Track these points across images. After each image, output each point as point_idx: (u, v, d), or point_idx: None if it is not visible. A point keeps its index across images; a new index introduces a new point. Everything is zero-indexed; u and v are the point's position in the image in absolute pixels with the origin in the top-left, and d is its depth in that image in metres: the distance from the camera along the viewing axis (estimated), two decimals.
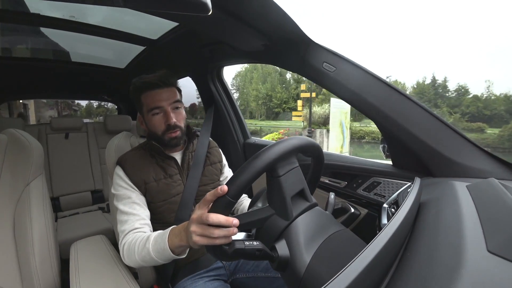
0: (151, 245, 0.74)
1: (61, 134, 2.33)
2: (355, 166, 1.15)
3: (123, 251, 0.82)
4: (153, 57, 1.83)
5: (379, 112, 0.90)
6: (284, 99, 40.97)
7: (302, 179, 0.62)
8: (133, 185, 0.91)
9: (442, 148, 0.84)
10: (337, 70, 0.94)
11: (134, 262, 0.79)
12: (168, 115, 0.92)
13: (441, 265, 0.37)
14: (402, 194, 0.75)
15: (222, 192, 0.51)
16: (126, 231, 0.84)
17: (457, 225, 0.47)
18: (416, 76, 49.22)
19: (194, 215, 0.57)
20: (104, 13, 1.38)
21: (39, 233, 0.91)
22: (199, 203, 0.57)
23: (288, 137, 0.62)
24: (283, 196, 0.57)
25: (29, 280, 0.89)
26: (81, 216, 2.14)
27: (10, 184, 0.92)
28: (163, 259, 0.74)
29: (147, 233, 0.81)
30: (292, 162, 0.60)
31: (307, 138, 0.65)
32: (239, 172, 0.52)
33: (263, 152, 0.54)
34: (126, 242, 0.82)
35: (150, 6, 0.44)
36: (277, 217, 0.58)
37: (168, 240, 0.70)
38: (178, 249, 0.70)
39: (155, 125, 0.93)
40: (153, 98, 0.92)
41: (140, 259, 0.77)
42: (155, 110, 0.92)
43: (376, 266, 0.36)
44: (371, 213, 1.09)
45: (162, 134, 0.94)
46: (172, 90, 0.95)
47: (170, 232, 0.72)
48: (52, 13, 1.35)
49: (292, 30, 0.92)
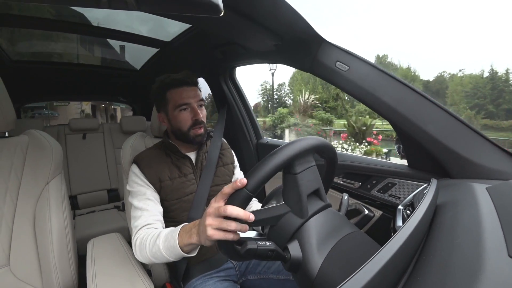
0: (162, 242, 0.75)
1: (79, 135, 2.40)
2: (369, 166, 1.13)
3: (135, 246, 0.83)
4: (166, 59, 1.86)
5: (393, 112, 0.88)
6: (325, 99, 41.76)
7: (318, 178, 0.62)
8: (148, 183, 0.93)
9: (461, 148, 0.81)
10: (351, 69, 0.93)
11: (145, 258, 0.80)
12: (196, 111, 0.95)
13: (459, 270, 0.35)
14: (418, 195, 0.73)
15: (241, 184, 0.51)
16: (139, 226, 0.85)
17: (476, 228, 0.45)
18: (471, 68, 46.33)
19: (209, 209, 0.57)
20: (119, 17, 1.42)
21: (58, 230, 0.94)
22: (215, 197, 0.57)
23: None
24: (299, 193, 0.56)
25: (48, 274, 0.92)
26: (98, 214, 2.20)
27: (31, 182, 0.95)
28: (173, 256, 0.74)
29: (158, 230, 0.82)
30: (309, 161, 0.60)
31: (323, 139, 0.64)
32: (258, 166, 0.52)
33: (283, 148, 0.55)
34: (139, 237, 0.83)
35: (164, 9, 0.45)
36: (290, 218, 0.57)
37: (178, 238, 0.71)
38: (188, 246, 0.70)
39: (181, 121, 0.95)
40: (181, 94, 0.95)
41: (151, 255, 0.78)
42: (183, 106, 0.95)
43: (390, 270, 0.36)
44: (385, 215, 1.06)
45: (188, 130, 0.96)
46: (196, 89, 0.99)
47: (181, 230, 0.72)
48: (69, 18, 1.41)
49: (304, 29, 0.91)
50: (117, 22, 1.47)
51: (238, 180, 0.51)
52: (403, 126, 0.88)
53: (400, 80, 0.88)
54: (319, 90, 42.99)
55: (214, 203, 0.56)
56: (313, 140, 0.60)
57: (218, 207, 0.54)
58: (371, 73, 0.91)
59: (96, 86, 2.62)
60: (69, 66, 2.12)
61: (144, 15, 1.35)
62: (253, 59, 1.45)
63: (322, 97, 43.19)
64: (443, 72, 41.54)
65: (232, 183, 0.53)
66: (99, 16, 1.42)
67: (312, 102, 17.15)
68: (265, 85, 58.58)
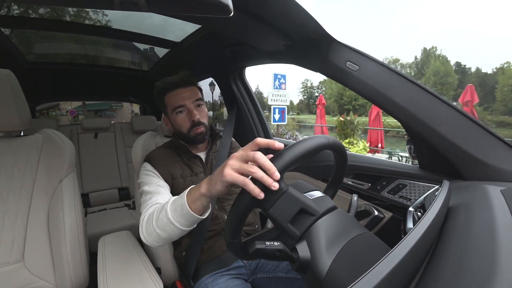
0: (169, 205, 0.69)
1: (91, 134, 2.45)
2: (379, 167, 1.11)
3: (142, 223, 0.77)
4: (177, 59, 1.88)
5: (405, 112, 0.87)
6: (354, 96, 42.74)
7: (297, 201, 0.54)
8: (161, 177, 0.94)
9: (474, 150, 0.79)
10: (361, 69, 0.92)
11: (150, 234, 0.73)
12: (192, 112, 0.96)
13: (471, 274, 0.35)
14: (430, 197, 0.72)
15: (278, 147, 0.50)
16: (149, 205, 0.81)
17: (490, 232, 0.44)
18: None
19: (236, 153, 0.53)
20: (131, 18, 1.44)
21: (70, 226, 0.96)
22: (244, 147, 0.54)
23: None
24: (281, 224, 0.54)
25: (61, 270, 0.94)
26: (109, 212, 2.24)
27: (45, 180, 0.98)
28: (181, 221, 0.67)
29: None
30: (276, 193, 0.52)
31: (333, 138, 0.63)
32: (288, 149, 0.52)
33: (303, 142, 0.54)
34: (147, 213, 0.78)
35: (174, 10, 0.45)
36: (297, 220, 0.57)
37: (187, 195, 0.66)
38: (197, 202, 0.63)
39: (180, 123, 0.97)
40: (176, 97, 0.96)
41: (157, 225, 0.71)
42: (178, 109, 0.96)
43: (400, 272, 0.35)
44: (395, 216, 1.05)
45: (188, 132, 0.97)
46: (193, 89, 0.99)
47: (191, 188, 0.67)
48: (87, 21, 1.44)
49: (314, 29, 0.91)
50: (128, 23, 1.50)
51: (275, 142, 0.50)
52: (414, 126, 0.87)
53: (412, 80, 0.87)
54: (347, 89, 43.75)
55: (242, 151, 0.53)
56: (323, 139, 0.59)
57: (246, 152, 0.51)
58: (381, 73, 0.90)
59: (108, 86, 2.67)
60: (81, 67, 2.16)
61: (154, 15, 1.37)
62: (263, 59, 1.45)
63: (351, 94, 44.10)
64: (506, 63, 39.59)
65: (269, 140, 0.51)
66: (109, 18, 1.44)
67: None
68: (306, 83, 58.81)
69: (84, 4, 0.53)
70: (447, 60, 47.15)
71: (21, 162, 0.97)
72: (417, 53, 48.73)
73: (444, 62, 44.42)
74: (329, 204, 0.59)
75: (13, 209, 0.94)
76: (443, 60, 46.15)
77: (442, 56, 47.50)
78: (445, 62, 45.55)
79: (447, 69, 43.63)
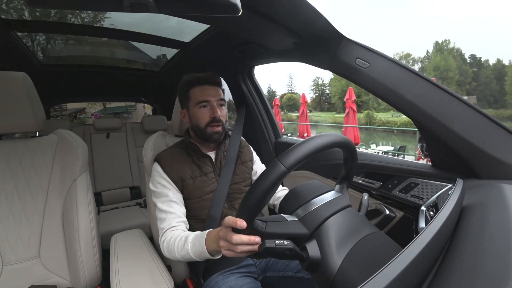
0: (190, 247, 0.81)
1: (103, 134, 2.50)
2: (390, 166, 1.10)
3: (163, 248, 0.89)
4: (186, 59, 1.89)
5: (416, 109, 0.85)
6: (357, 93, 45.79)
7: (279, 235, 0.55)
8: (171, 181, 0.96)
9: (489, 147, 0.77)
10: (371, 66, 0.91)
11: (174, 258, 0.87)
12: (215, 108, 0.98)
13: (486, 276, 0.34)
14: (442, 196, 0.70)
15: (240, 228, 0.53)
16: (165, 229, 0.91)
17: (505, 233, 0.43)
18: None
19: (220, 233, 0.63)
20: (140, 19, 1.46)
21: (84, 224, 0.99)
22: (221, 229, 0.62)
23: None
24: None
25: (75, 266, 0.97)
26: (121, 210, 2.29)
27: (60, 179, 1.01)
28: (201, 258, 0.81)
29: (184, 233, 0.87)
30: (257, 228, 0.54)
31: (340, 135, 0.62)
32: (247, 196, 0.51)
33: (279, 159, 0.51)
34: (165, 240, 0.89)
35: (183, 11, 0.45)
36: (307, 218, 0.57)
37: (206, 245, 0.76)
38: (214, 252, 0.76)
39: (200, 117, 0.99)
40: (202, 92, 0.98)
41: (181, 257, 0.85)
42: (203, 103, 0.98)
43: (412, 273, 0.35)
44: (407, 216, 1.03)
45: (205, 127, 0.99)
46: (218, 89, 1.02)
47: (207, 237, 0.77)
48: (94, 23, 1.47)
49: (323, 26, 0.90)
50: (139, 25, 1.52)
51: (238, 222, 0.53)
52: (427, 124, 0.85)
53: (423, 77, 0.85)
54: (353, 86, 45.50)
55: (224, 227, 0.61)
56: (330, 137, 0.57)
57: (227, 234, 0.59)
58: (392, 70, 0.89)
59: (119, 87, 2.72)
60: (93, 68, 2.21)
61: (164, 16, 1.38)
62: (272, 57, 1.45)
63: (355, 93, 45.14)
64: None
65: (233, 220, 0.55)
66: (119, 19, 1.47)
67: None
68: (317, 81, 59.78)
69: (95, 7, 0.54)
70: (461, 53, 46.34)
71: (38, 162, 1.00)
72: (429, 47, 48.07)
73: (445, 58, 43.91)
74: (323, 215, 0.58)
75: (30, 208, 0.97)
76: (456, 54, 45.43)
77: (456, 49, 46.67)
78: (456, 55, 44.87)
79: (448, 64, 43.16)
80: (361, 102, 44.56)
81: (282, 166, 0.49)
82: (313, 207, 0.60)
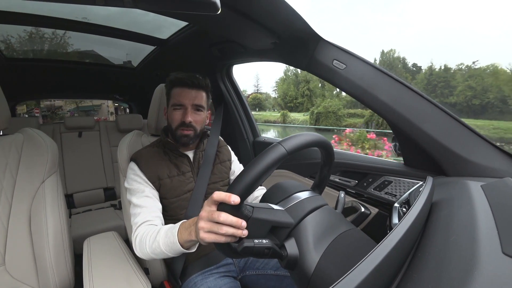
0: (161, 239, 0.76)
1: (75, 133, 2.38)
2: (365, 164, 1.13)
3: (135, 243, 0.84)
4: (163, 56, 1.85)
5: (390, 110, 0.89)
6: (294, 96, 50.86)
7: (264, 222, 0.56)
8: (147, 180, 0.93)
9: (456, 147, 0.82)
10: (348, 68, 0.93)
11: (145, 255, 0.81)
12: (186, 113, 0.96)
13: (453, 266, 0.36)
14: (414, 193, 0.74)
15: (233, 203, 0.50)
16: (139, 223, 0.86)
17: (470, 226, 0.46)
18: None
19: (203, 212, 0.57)
20: (116, 14, 1.41)
21: (53, 228, 0.93)
22: (207, 200, 0.57)
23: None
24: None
25: (44, 273, 0.91)
26: (94, 212, 2.19)
27: (27, 180, 0.95)
28: (172, 252, 0.75)
29: (158, 226, 0.83)
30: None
31: (319, 135, 0.63)
32: (243, 173, 0.50)
33: (268, 150, 0.52)
34: (138, 234, 0.84)
35: (160, 7, 0.44)
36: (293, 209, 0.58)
37: (178, 234, 0.72)
38: (187, 243, 0.71)
39: (173, 118, 0.98)
40: (179, 94, 0.97)
41: (151, 251, 0.79)
42: (177, 106, 0.97)
43: (387, 266, 0.36)
44: (381, 212, 1.07)
45: (176, 129, 0.97)
46: (200, 93, 0.99)
47: (180, 226, 0.73)
48: (66, 15, 1.39)
49: (301, 27, 0.91)
50: (114, 19, 1.46)
51: (231, 197, 0.49)
52: (400, 124, 0.89)
53: (397, 79, 0.89)
54: (291, 89, 51.78)
55: (207, 207, 0.56)
56: (310, 136, 0.58)
57: (212, 212, 0.54)
58: (368, 72, 0.92)
59: (92, 84, 2.60)
60: (64, 64, 2.10)
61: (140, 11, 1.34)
62: (251, 57, 1.45)
63: (292, 94, 51.62)
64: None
65: (225, 194, 0.51)
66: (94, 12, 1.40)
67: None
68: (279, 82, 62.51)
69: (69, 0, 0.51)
70: (405, 62, 51.58)
71: (1, 163, 0.93)
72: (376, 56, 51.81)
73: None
74: (308, 207, 0.59)
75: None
76: (400, 62, 50.59)
77: (400, 58, 51.58)
78: (400, 64, 50.03)
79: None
80: (298, 103, 49.32)
81: (283, 148, 0.50)
82: (297, 200, 0.61)
